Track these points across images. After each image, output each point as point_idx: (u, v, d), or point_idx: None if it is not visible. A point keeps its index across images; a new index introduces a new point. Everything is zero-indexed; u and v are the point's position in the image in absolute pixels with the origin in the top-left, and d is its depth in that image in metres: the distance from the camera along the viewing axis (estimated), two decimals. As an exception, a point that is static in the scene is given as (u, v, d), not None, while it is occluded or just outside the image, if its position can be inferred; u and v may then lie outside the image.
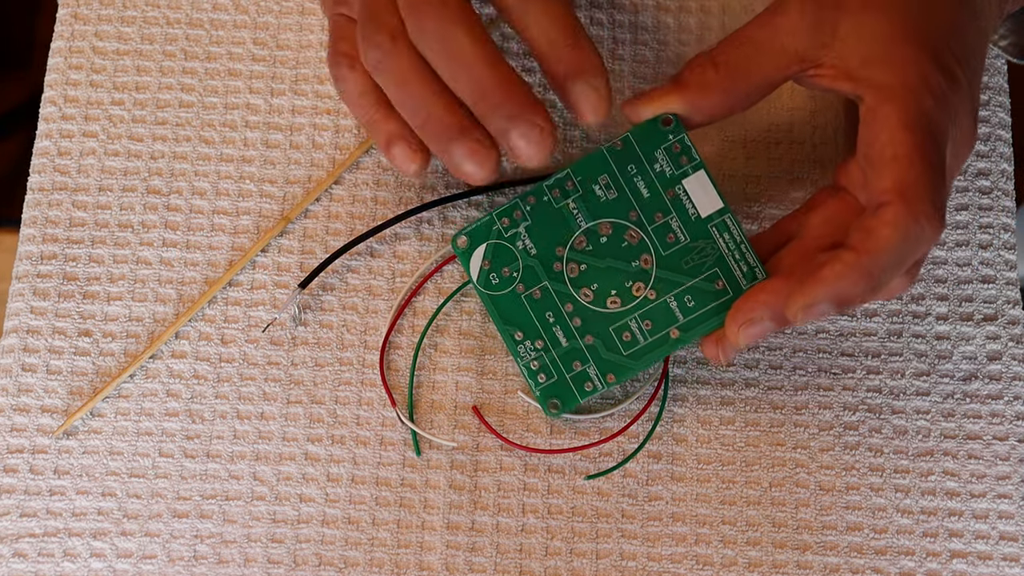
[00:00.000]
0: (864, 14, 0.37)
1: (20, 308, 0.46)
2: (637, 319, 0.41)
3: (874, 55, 0.36)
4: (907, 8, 0.37)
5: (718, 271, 0.41)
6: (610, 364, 0.42)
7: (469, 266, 0.42)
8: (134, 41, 0.50)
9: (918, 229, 0.36)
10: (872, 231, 0.36)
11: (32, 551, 0.43)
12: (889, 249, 0.36)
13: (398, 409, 0.44)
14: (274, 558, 0.43)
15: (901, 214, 0.35)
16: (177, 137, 0.49)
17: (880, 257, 0.36)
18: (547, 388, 0.42)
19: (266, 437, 0.45)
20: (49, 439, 0.45)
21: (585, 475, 0.44)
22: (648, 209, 0.41)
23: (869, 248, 0.36)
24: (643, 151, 0.41)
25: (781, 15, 0.38)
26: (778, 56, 0.37)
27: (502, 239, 0.42)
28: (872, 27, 0.37)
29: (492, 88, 0.37)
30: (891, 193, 0.36)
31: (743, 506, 0.44)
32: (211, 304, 0.46)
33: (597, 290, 0.41)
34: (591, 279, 0.41)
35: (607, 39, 0.50)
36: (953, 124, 0.37)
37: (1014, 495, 0.44)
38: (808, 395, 0.45)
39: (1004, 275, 0.47)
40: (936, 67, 0.36)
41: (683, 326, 0.41)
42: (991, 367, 0.46)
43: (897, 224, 0.36)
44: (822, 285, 0.36)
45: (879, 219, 0.36)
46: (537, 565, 0.43)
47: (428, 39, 0.37)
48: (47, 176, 0.48)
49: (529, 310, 0.42)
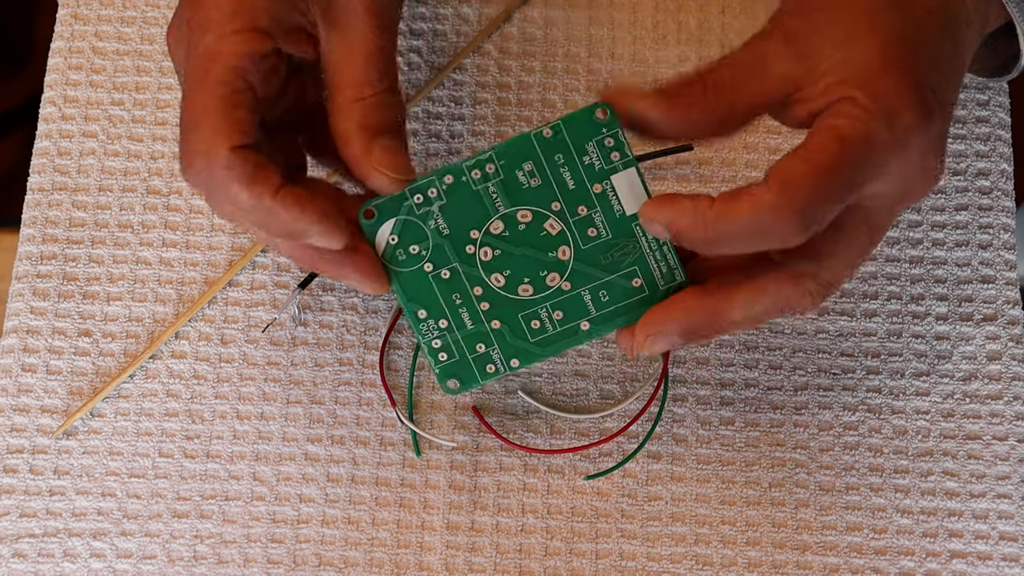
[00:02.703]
0: (850, 45, 0.36)
1: (20, 308, 0.46)
2: (548, 308, 0.40)
3: (854, 81, 0.36)
4: (894, 38, 0.36)
5: (637, 269, 0.40)
6: (515, 349, 0.41)
7: (375, 241, 0.40)
8: (134, 41, 0.50)
9: (775, 219, 0.35)
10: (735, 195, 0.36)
11: (32, 551, 0.43)
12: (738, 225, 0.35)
13: (398, 409, 0.44)
14: (274, 558, 0.43)
15: (766, 196, 0.35)
16: (177, 137, 0.49)
17: (724, 225, 0.36)
18: (447, 367, 0.41)
19: (266, 437, 0.45)
20: (49, 439, 0.45)
21: (585, 475, 0.44)
22: (572, 201, 0.40)
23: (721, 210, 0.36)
24: (573, 141, 0.39)
25: (767, 40, 0.37)
26: (763, 80, 0.37)
27: (413, 215, 0.40)
28: (857, 57, 0.36)
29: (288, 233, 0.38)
30: (773, 181, 0.35)
31: (743, 506, 0.44)
32: (211, 304, 0.46)
33: (509, 276, 0.40)
34: (504, 265, 0.40)
35: (606, 39, 0.50)
36: (900, 161, 0.36)
37: (1014, 495, 0.44)
38: (808, 395, 0.45)
39: (1004, 275, 0.47)
40: (913, 99, 0.36)
41: (595, 319, 0.40)
42: (991, 367, 0.46)
43: (757, 203, 0.35)
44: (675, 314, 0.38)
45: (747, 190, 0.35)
46: (537, 565, 0.43)
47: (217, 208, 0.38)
48: (47, 176, 0.48)
49: (436, 289, 0.40)
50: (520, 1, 0.50)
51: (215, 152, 0.36)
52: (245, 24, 0.37)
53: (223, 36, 0.37)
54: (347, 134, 0.38)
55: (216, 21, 0.37)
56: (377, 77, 0.38)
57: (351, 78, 0.38)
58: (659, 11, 0.51)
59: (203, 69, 0.37)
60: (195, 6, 0.38)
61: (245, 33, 0.37)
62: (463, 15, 0.51)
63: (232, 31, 0.37)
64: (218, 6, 0.37)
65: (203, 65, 0.37)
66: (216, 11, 0.37)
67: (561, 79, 0.49)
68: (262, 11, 0.37)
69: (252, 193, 0.36)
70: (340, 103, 0.38)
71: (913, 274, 0.47)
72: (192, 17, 0.38)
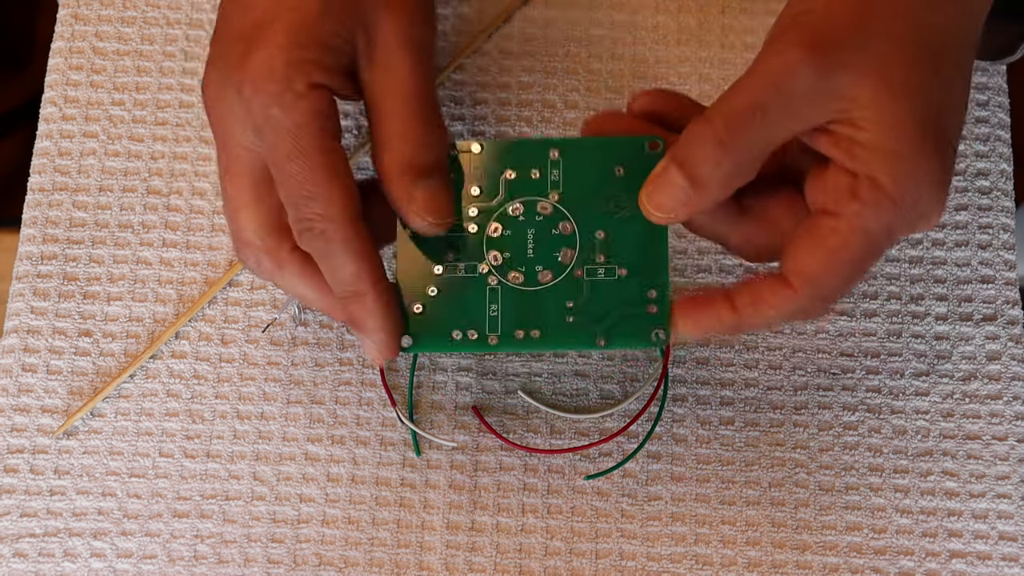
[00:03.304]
0: (891, 99, 0.35)
1: (20, 308, 0.46)
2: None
3: (885, 163, 0.35)
4: (927, 102, 0.35)
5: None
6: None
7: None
8: (134, 41, 0.50)
9: (799, 313, 0.37)
10: (759, 297, 0.37)
11: (32, 551, 0.43)
12: (762, 323, 0.38)
13: (398, 409, 0.44)
14: (274, 558, 0.43)
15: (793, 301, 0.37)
16: (177, 137, 0.49)
17: (750, 326, 0.38)
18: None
19: (266, 437, 0.45)
20: (49, 439, 0.45)
21: (585, 475, 0.44)
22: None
23: (747, 313, 0.37)
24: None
25: (793, 77, 0.35)
26: (791, 123, 0.35)
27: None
28: (892, 123, 0.35)
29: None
30: (798, 280, 0.36)
31: (743, 506, 0.44)
32: (211, 304, 0.46)
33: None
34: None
35: (606, 39, 0.50)
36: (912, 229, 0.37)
37: (1013, 495, 0.44)
38: (808, 395, 0.45)
39: (1003, 275, 0.47)
40: (941, 189, 0.36)
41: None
42: (990, 367, 0.46)
43: (783, 307, 0.37)
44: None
45: (770, 291, 0.37)
46: (537, 565, 0.43)
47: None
48: (47, 176, 0.48)
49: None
50: (520, 1, 0.50)
51: (335, 224, 0.37)
52: (304, 86, 0.37)
53: (290, 107, 0.37)
54: (389, 172, 0.38)
55: (275, 93, 0.37)
56: (422, 116, 0.39)
57: (394, 115, 0.39)
58: (659, 11, 0.51)
59: (289, 144, 0.37)
60: (242, 70, 0.37)
61: (309, 95, 0.37)
62: (463, 15, 0.51)
63: (295, 98, 0.37)
64: (271, 74, 0.37)
65: (287, 139, 0.37)
66: (270, 82, 0.37)
67: (561, 79, 0.50)
68: (314, 68, 0.37)
69: (359, 272, 0.37)
70: (383, 139, 0.39)
71: (913, 274, 0.47)
72: (241, 83, 0.37)
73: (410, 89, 0.39)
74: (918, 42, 0.35)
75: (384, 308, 0.38)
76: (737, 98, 0.35)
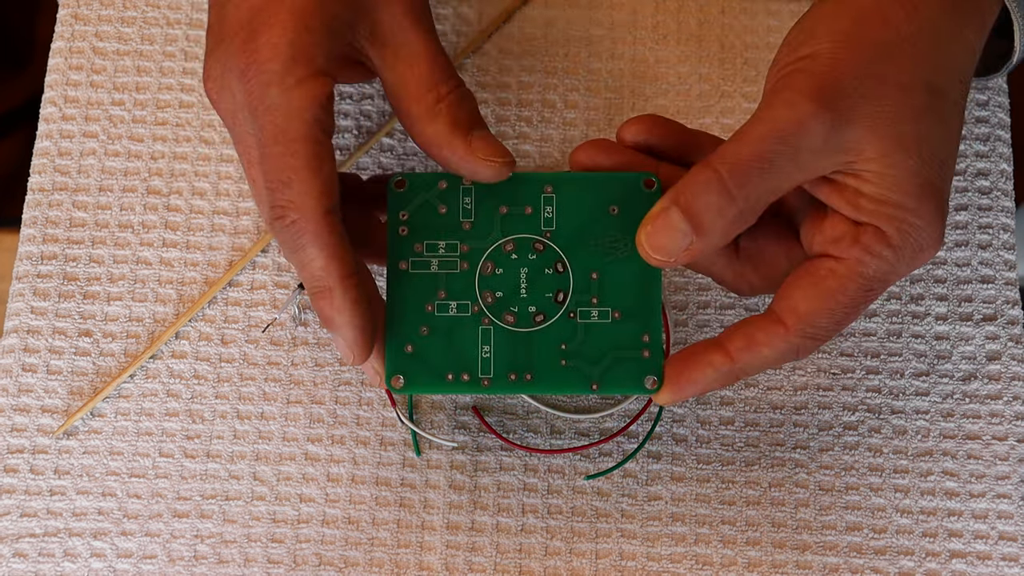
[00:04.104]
0: (897, 150, 0.35)
1: (20, 308, 0.46)
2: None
3: (888, 211, 0.35)
4: (929, 149, 0.35)
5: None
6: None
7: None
8: (134, 41, 0.50)
9: (791, 353, 0.37)
10: (752, 340, 0.37)
11: (32, 551, 0.43)
12: (757, 365, 0.38)
13: (398, 409, 0.44)
14: (274, 558, 0.43)
15: (785, 340, 0.37)
16: (177, 137, 0.49)
17: (746, 369, 0.38)
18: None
19: (266, 437, 0.45)
20: (49, 439, 0.45)
21: (585, 475, 0.44)
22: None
23: (742, 357, 0.37)
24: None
25: (802, 132, 0.35)
26: (797, 174, 0.35)
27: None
28: (896, 175, 0.35)
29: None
30: (791, 318, 0.37)
31: (743, 506, 0.44)
32: (211, 304, 0.46)
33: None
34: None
35: (606, 39, 0.50)
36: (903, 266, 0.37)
37: (1013, 495, 0.44)
38: (807, 395, 0.45)
39: (1003, 275, 0.47)
40: (939, 232, 0.36)
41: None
42: (990, 367, 0.46)
43: (776, 346, 0.37)
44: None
45: (763, 331, 0.37)
46: (537, 565, 0.43)
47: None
48: (47, 176, 0.48)
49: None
50: (520, 1, 0.50)
51: (306, 214, 0.36)
52: (308, 71, 0.37)
53: (289, 88, 0.36)
54: (440, 136, 0.38)
55: (277, 72, 0.36)
56: (447, 77, 0.39)
57: (424, 85, 0.39)
58: (659, 11, 0.51)
59: (278, 126, 0.36)
60: (246, 54, 0.37)
61: (311, 81, 0.37)
62: (463, 15, 0.51)
63: (296, 81, 0.36)
64: (275, 54, 0.37)
65: (277, 121, 0.36)
66: (274, 61, 0.36)
67: (561, 79, 0.50)
68: (319, 51, 0.37)
69: (327, 266, 0.37)
70: (421, 111, 0.39)
71: (912, 274, 0.47)
72: (246, 66, 0.37)
73: (432, 55, 0.39)
74: (924, 86, 0.35)
75: (352, 305, 0.37)
76: (744, 148, 0.35)
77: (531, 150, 0.49)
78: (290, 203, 0.36)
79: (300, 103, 0.36)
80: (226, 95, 0.38)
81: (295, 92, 0.36)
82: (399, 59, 0.39)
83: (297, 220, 0.36)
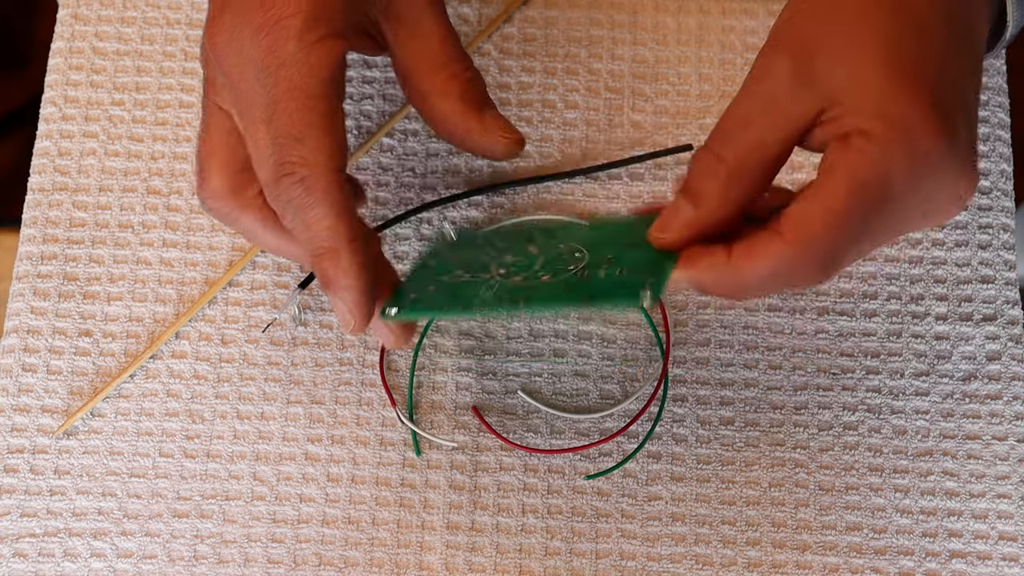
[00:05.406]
0: (855, 59, 0.34)
1: (20, 308, 0.46)
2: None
3: (867, 108, 0.34)
4: (896, 43, 0.34)
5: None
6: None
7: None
8: (134, 41, 0.50)
9: (788, 268, 0.35)
10: (752, 248, 0.35)
11: (32, 551, 0.43)
12: (755, 276, 0.35)
13: (398, 409, 0.44)
14: (274, 558, 0.43)
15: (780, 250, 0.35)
16: (177, 137, 0.49)
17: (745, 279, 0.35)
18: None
19: (266, 437, 0.45)
20: (49, 439, 0.45)
21: (585, 475, 0.44)
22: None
23: (740, 263, 0.35)
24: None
25: (771, 80, 0.35)
26: (779, 121, 0.35)
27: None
28: (864, 74, 0.34)
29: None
30: (788, 231, 0.35)
31: (743, 506, 0.44)
32: (211, 304, 0.46)
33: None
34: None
35: (606, 39, 0.50)
36: (923, 193, 0.35)
37: (1013, 495, 0.44)
38: (808, 395, 0.45)
39: (1003, 275, 0.47)
40: (933, 120, 0.34)
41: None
42: (990, 367, 0.46)
43: (771, 256, 0.35)
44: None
45: (763, 241, 0.35)
46: (537, 565, 0.43)
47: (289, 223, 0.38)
48: (47, 176, 0.48)
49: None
50: (520, 1, 0.50)
51: (317, 171, 0.36)
52: (328, 30, 0.37)
53: (309, 45, 0.36)
54: (452, 113, 0.39)
55: (296, 28, 0.36)
56: (460, 56, 0.40)
57: (437, 62, 0.39)
58: (659, 11, 0.51)
59: (294, 81, 0.36)
60: (264, 10, 0.37)
61: (331, 40, 0.37)
62: (463, 15, 0.51)
63: (317, 39, 0.37)
64: (297, 10, 0.37)
65: (293, 77, 0.36)
66: (295, 17, 0.37)
67: (561, 79, 0.50)
68: (339, 14, 0.37)
69: (335, 226, 0.37)
70: (434, 87, 0.39)
71: (912, 274, 0.47)
72: (263, 22, 0.37)
73: (445, 34, 0.39)
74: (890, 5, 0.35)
75: (358, 267, 0.37)
76: (726, 114, 0.36)
77: (531, 150, 0.49)
78: (302, 159, 0.36)
79: (319, 60, 0.37)
80: (233, 50, 0.38)
81: (314, 49, 0.36)
82: (413, 36, 0.39)
83: (307, 177, 0.36)
